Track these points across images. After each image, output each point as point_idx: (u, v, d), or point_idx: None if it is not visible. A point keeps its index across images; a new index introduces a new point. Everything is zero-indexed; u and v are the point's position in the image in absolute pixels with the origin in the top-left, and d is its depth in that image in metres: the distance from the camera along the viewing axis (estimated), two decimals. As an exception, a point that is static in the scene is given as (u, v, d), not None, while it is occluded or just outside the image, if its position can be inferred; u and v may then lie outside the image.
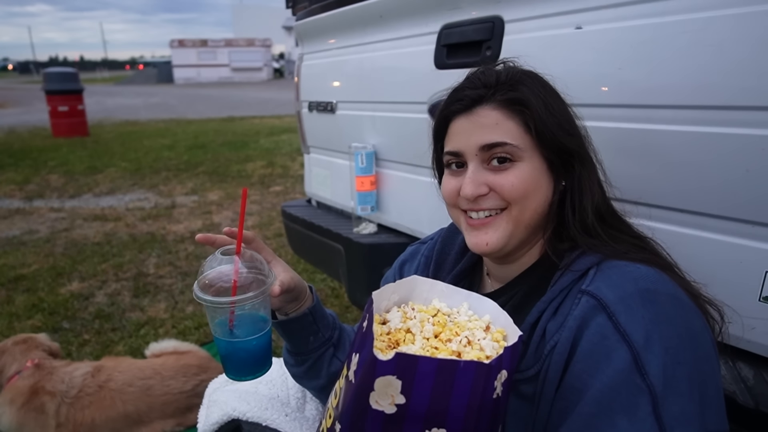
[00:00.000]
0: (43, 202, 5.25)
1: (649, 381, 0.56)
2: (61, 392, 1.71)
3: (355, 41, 1.83)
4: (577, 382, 0.60)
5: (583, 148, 0.74)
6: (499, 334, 0.61)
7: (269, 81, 41.88)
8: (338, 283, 2.93)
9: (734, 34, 0.81)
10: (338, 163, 2.03)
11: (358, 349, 0.56)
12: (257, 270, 0.72)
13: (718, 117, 0.84)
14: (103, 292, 3.12)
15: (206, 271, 0.71)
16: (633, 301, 0.60)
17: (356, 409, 0.53)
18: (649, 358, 0.57)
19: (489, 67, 0.76)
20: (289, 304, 0.83)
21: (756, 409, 0.84)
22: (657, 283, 0.63)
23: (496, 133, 0.70)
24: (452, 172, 0.76)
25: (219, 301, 0.68)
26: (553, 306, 0.66)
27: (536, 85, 0.72)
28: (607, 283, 0.63)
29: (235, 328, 0.70)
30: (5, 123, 12.09)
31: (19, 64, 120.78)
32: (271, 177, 6.17)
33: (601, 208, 0.73)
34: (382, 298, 0.64)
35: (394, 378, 0.50)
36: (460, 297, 0.68)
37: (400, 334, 0.60)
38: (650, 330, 0.58)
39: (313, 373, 0.90)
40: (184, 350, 2.00)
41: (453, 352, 0.57)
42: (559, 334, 0.63)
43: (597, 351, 0.59)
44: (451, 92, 0.76)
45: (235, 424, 0.97)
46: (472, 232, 0.74)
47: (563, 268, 0.69)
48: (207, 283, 0.70)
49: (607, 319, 0.60)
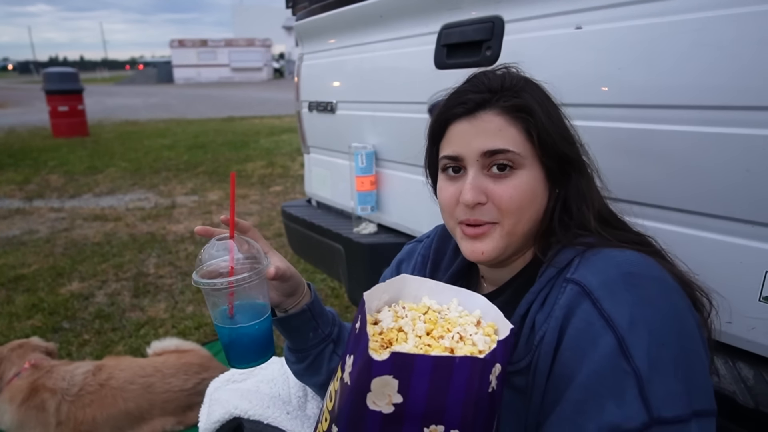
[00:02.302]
0: (43, 202, 5.25)
1: (634, 364, 0.56)
2: (62, 390, 1.71)
3: (355, 41, 1.83)
4: (565, 370, 0.61)
5: (580, 156, 0.74)
6: (491, 329, 0.61)
7: (269, 81, 41.87)
8: (338, 283, 2.94)
9: (734, 34, 0.81)
10: (338, 163, 2.04)
11: (352, 351, 0.56)
12: (252, 257, 0.75)
13: (719, 117, 0.84)
14: (103, 292, 3.12)
15: (204, 258, 0.74)
16: (616, 286, 0.61)
17: (353, 411, 0.53)
18: (634, 341, 0.57)
19: (492, 71, 0.74)
20: (287, 300, 0.84)
21: (756, 409, 0.84)
22: (640, 266, 0.63)
23: (499, 140, 0.69)
24: (450, 178, 0.75)
25: (215, 282, 0.70)
26: (540, 297, 0.67)
27: (537, 93, 0.72)
28: (591, 269, 0.64)
29: (235, 315, 0.73)
30: (5, 123, 12.08)
31: (19, 64, 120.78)
32: (271, 177, 6.17)
33: (603, 212, 0.73)
34: (373, 299, 0.64)
35: (390, 378, 0.50)
36: (450, 293, 0.68)
37: (393, 334, 0.60)
38: (634, 313, 0.58)
39: (313, 370, 0.91)
40: (186, 349, 2.01)
41: (446, 348, 0.57)
42: (547, 324, 0.64)
43: (583, 338, 0.60)
44: (452, 94, 0.74)
45: (236, 423, 0.97)
46: (468, 241, 0.73)
47: (549, 260, 0.69)
48: (205, 271, 0.73)
49: (592, 306, 0.60)
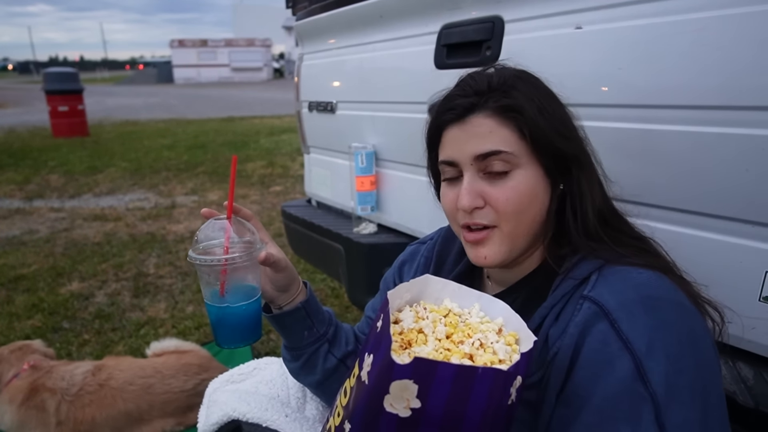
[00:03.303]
0: (43, 202, 5.25)
1: (651, 389, 0.55)
2: (62, 389, 1.71)
3: (355, 41, 1.83)
4: (579, 389, 0.59)
5: (581, 151, 0.72)
6: (512, 338, 0.60)
7: (269, 81, 41.85)
8: (338, 283, 2.93)
9: (734, 34, 0.81)
10: (338, 163, 2.03)
11: (373, 350, 0.55)
12: (248, 241, 0.77)
13: (718, 117, 0.84)
14: (103, 292, 3.12)
15: (201, 238, 0.76)
16: (635, 308, 0.60)
17: (369, 410, 0.53)
18: (652, 366, 0.56)
19: (480, 72, 0.73)
20: (281, 295, 0.84)
21: (756, 409, 0.84)
22: (659, 289, 0.62)
23: (491, 142, 0.68)
24: (449, 183, 0.75)
25: (209, 259, 0.73)
26: (554, 312, 0.66)
27: (530, 88, 0.70)
28: (609, 289, 0.62)
29: (226, 294, 0.75)
30: (5, 123, 12.08)
31: (19, 64, 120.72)
32: (271, 177, 6.16)
33: (603, 210, 0.72)
34: (395, 297, 0.64)
35: (410, 382, 0.49)
36: (472, 298, 0.67)
37: (413, 335, 0.59)
38: (652, 337, 0.57)
39: (308, 369, 0.91)
40: (186, 349, 2.01)
41: (465, 354, 0.56)
42: (561, 341, 0.62)
43: (599, 359, 0.59)
44: (443, 100, 0.74)
45: (234, 425, 0.97)
46: (472, 247, 0.73)
47: (564, 272, 0.68)
48: (201, 249, 0.75)
49: (609, 326, 0.59)
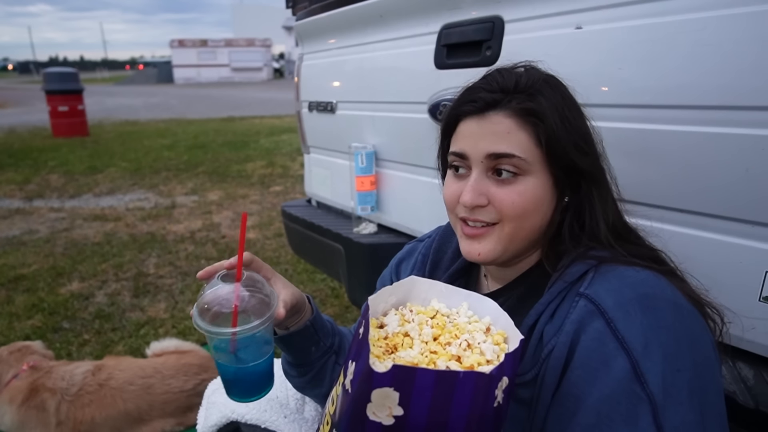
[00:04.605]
0: (43, 202, 5.24)
1: (648, 390, 0.55)
2: (62, 389, 1.71)
3: (355, 41, 1.82)
4: (575, 389, 0.59)
5: (597, 168, 0.70)
6: (500, 337, 0.59)
7: (269, 81, 41.85)
8: (338, 283, 2.93)
9: (735, 34, 0.81)
10: (338, 163, 2.03)
11: (355, 357, 0.55)
12: (257, 290, 0.69)
13: (718, 117, 0.84)
14: (103, 292, 3.12)
15: (207, 300, 0.67)
16: (631, 307, 0.59)
17: (354, 419, 0.52)
18: (649, 366, 0.55)
19: (509, 69, 0.71)
20: (292, 319, 0.81)
21: (756, 409, 0.84)
22: (656, 288, 0.61)
23: (506, 144, 0.66)
24: (455, 175, 0.73)
25: (221, 332, 0.63)
26: (550, 309, 0.65)
27: (556, 96, 0.68)
28: (606, 287, 0.61)
29: (238, 352, 0.67)
30: (5, 123, 12.08)
31: (19, 64, 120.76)
32: (271, 177, 6.16)
33: (617, 225, 0.70)
34: (378, 302, 0.63)
35: (391, 390, 0.48)
36: (460, 297, 0.66)
37: (398, 339, 0.58)
38: (649, 337, 0.57)
39: (316, 382, 0.88)
40: (186, 350, 2.01)
41: (452, 356, 0.56)
42: (557, 338, 0.62)
43: (595, 358, 0.58)
44: (465, 90, 0.72)
45: (233, 426, 0.97)
46: (467, 241, 0.72)
47: (560, 269, 0.67)
48: (206, 308, 0.66)
49: (605, 325, 0.58)
